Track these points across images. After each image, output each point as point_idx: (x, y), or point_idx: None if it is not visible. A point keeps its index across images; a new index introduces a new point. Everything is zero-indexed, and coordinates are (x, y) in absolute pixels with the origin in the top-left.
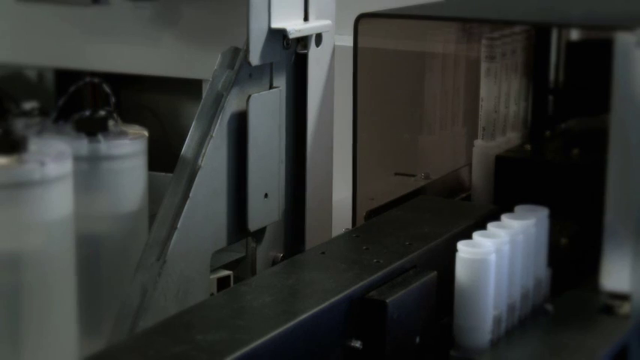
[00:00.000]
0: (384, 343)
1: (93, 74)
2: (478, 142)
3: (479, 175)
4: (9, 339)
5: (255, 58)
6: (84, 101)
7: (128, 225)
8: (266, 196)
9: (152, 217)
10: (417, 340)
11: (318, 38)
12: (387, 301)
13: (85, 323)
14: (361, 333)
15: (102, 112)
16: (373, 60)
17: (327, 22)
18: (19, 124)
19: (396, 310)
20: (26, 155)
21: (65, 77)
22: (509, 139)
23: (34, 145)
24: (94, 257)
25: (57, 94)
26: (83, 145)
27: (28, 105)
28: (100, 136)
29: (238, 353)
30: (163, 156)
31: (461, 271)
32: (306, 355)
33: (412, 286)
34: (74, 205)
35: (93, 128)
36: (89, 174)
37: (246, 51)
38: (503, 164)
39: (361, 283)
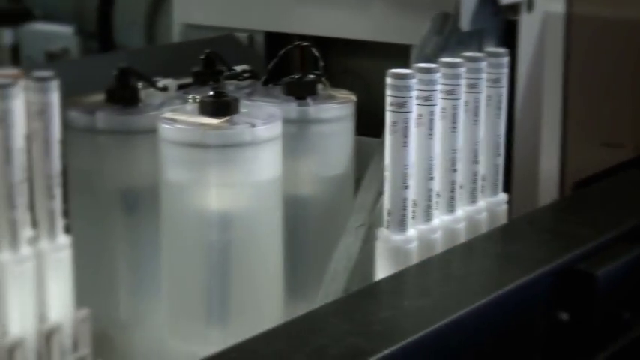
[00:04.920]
0: (592, 317)
1: (302, 38)
2: (382, 233)
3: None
4: (218, 295)
5: (465, 24)
6: (293, 65)
7: (334, 188)
8: None
9: (357, 182)
10: (626, 315)
11: (530, 4)
12: (596, 273)
13: (289, 285)
14: (568, 305)
15: (311, 76)
16: (586, 27)
17: None
18: (230, 87)
19: (604, 284)
20: (237, 117)
21: (275, 41)
22: (444, 222)
23: (245, 107)
24: (301, 219)
25: (267, 57)
26: (292, 108)
27: (239, 68)
28: (309, 100)
29: (445, 321)
30: (370, 120)
31: None
32: (511, 325)
33: (622, 259)
34: (282, 166)
35: (302, 92)
36: (297, 137)
37: (457, 16)
38: None
39: (569, 255)
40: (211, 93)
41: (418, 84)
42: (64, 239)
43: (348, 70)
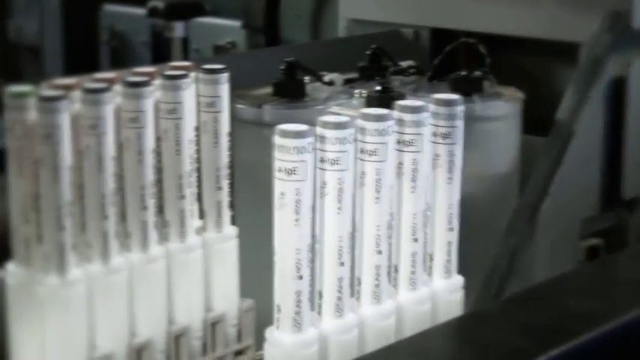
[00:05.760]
0: None
1: (469, 34)
2: (271, 334)
3: None
4: None
5: (638, 22)
6: (459, 61)
7: (498, 186)
8: None
9: (522, 181)
10: None
11: None
12: None
13: None
14: None
15: (477, 73)
16: None
17: None
18: (395, 83)
19: None
20: None
21: (441, 37)
22: (364, 317)
23: None
24: (463, 217)
25: (432, 53)
26: None
27: (405, 64)
28: (475, 97)
29: (613, 324)
30: (537, 119)
31: None
32: None
33: None
34: None
35: (468, 88)
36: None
37: (629, 14)
38: None
39: None
40: (378, 88)
41: (320, 144)
42: (230, 230)
43: (515, 67)
